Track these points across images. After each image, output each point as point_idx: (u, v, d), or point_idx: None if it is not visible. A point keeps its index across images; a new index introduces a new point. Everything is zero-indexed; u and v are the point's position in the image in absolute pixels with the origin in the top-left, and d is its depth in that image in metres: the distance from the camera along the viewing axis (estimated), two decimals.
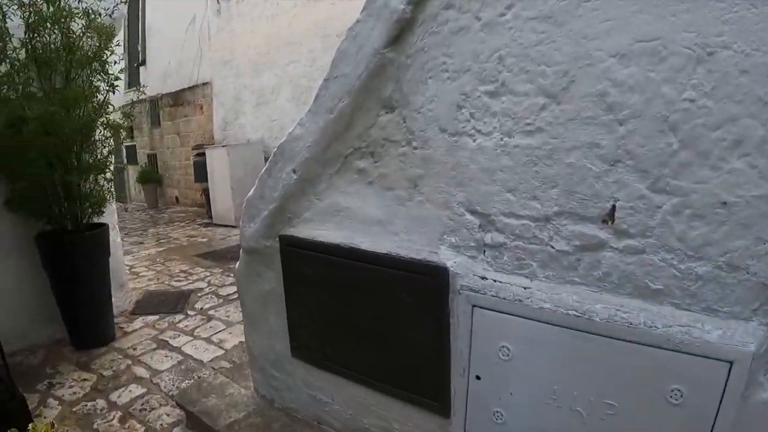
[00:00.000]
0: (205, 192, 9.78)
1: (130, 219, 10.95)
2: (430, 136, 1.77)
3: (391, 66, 1.81)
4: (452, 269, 1.74)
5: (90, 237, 3.86)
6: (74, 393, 3.29)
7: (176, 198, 12.55)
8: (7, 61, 3.49)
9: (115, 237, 4.61)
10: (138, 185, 13.14)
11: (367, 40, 1.81)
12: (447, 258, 1.78)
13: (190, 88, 11.38)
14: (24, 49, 3.52)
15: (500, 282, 1.67)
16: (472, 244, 1.76)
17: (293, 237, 2.22)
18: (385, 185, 1.94)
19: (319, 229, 2.16)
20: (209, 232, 8.64)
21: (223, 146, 8.84)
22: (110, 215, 4.43)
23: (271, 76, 9.08)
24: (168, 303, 4.86)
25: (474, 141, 1.67)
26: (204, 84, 10.84)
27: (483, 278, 1.70)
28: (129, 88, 11.05)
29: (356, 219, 2.04)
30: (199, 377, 3.36)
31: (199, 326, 4.28)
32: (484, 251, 1.74)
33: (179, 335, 4.12)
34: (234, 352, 3.75)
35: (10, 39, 3.45)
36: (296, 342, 2.39)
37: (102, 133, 3.91)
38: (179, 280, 5.65)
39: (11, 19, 3.44)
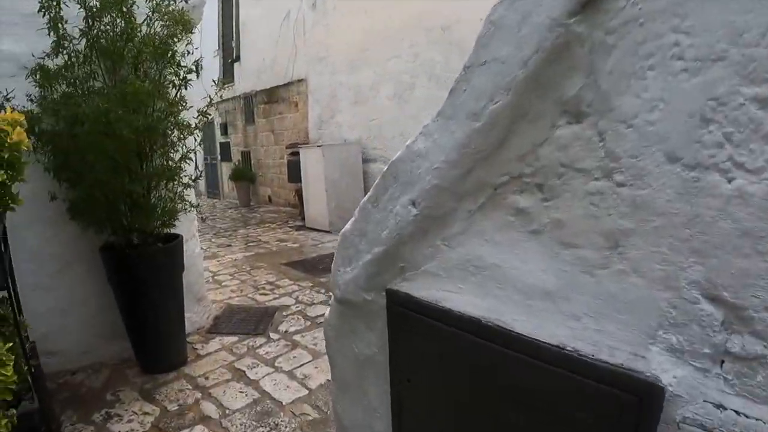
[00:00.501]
0: (299, 193, 9.36)
1: (221, 217, 10.73)
2: (647, 168, 0.97)
3: (579, 46, 1.02)
4: (669, 387, 0.96)
5: (159, 251, 3.34)
6: (132, 430, 2.81)
7: (269, 197, 12.27)
8: (64, 52, 3.01)
9: (193, 247, 4.12)
10: (231, 182, 12.96)
11: (537, 3, 1.07)
12: (661, 368, 0.97)
13: (284, 85, 11.02)
14: (84, 39, 3.03)
15: (750, 417, 0.89)
16: (707, 350, 0.95)
17: (407, 295, 1.47)
18: (561, 238, 1.14)
19: (448, 289, 1.39)
20: (301, 236, 8.17)
21: (317, 146, 8.34)
22: (188, 223, 3.92)
23: (369, 73, 8.52)
24: (249, 322, 4.32)
25: (730, 182, 0.87)
26: (299, 81, 10.44)
27: (720, 407, 0.91)
28: (223, 85, 10.83)
29: (508, 284, 1.25)
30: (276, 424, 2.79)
31: (281, 354, 3.70)
32: (724, 363, 0.94)
33: (258, 365, 3.54)
34: (319, 394, 3.13)
35: (63, 26, 2.98)
36: None
37: (175, 134, 3.38)
38: (264, 294, 5.13)
39: (67, 5, 2.95)
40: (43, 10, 2.88)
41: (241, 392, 3.20)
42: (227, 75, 13.02)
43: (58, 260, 3.41)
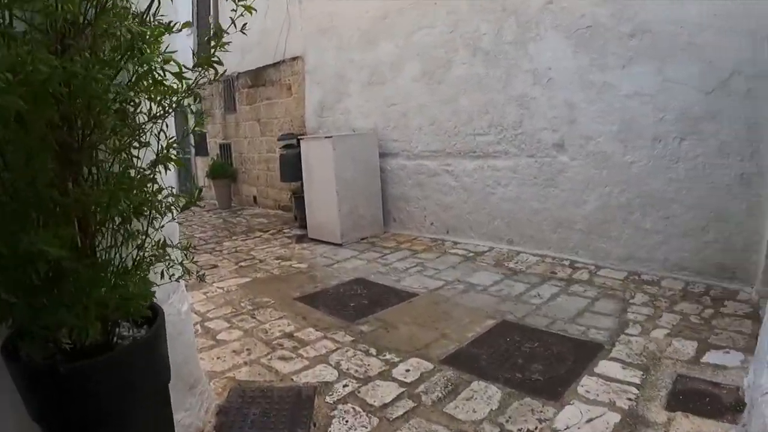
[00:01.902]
0: (296, 194, 7.60)
1: (199, 224, 8.87)
2: None
3: None
4: None
5: (119, 359, 1.62)
6: None
7: (254, 198, 10.43)
8: None
9: (179, 305, 2.43)
10: (208, 181, 11.03)
11: None
12: None
13: (274, 64, 9.21)
14: None
15: None
16: None
17: None
18: None
19: None
20: (306, 252, 6.39)
21: (326, 137, 6.58)
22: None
23: (390, 48, 6.81)
24: (276, 419, 2.63)
25: None
26: (293, 59, 8.64)
27: None
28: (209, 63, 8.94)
29: None
30: None
31: None
32: None
33: None
34: None
35: None
36: None
37: (143, 106, 1.69)
38: (286, 359, 3.40)
39: None
40: None
41: None
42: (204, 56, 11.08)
43: None
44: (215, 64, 1.76)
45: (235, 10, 1.73)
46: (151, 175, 1.70)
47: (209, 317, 4.18)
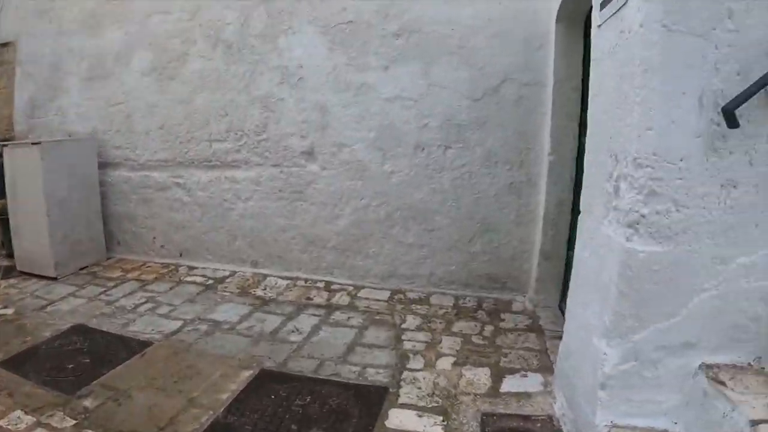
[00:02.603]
0: (0, 216, 5.88)
1: None
2: None
3: None
4: None
5: None
6: None
7: None
8: None
9: None
10: None
11: None
12: None
13: None
14: None
15: None
16: None
17: None
18: None
19: None
20: (13, 290, 4.78)
21: (33, 143, 5.04)
22: None
23: (118, 35, 5.53)
24: None
25: None
26: (4, 45, 6.92)
27: None
28: None
29: None
30: None
31: None
32: None
33: None
34: None
35: None
36: None
37: None
38: None
39: None
40: None
41: None
42: None
43: None
44: None
45: None
46: None
47: None
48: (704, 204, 1.97)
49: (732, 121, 1.80)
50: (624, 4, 2.08)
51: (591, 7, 3.52)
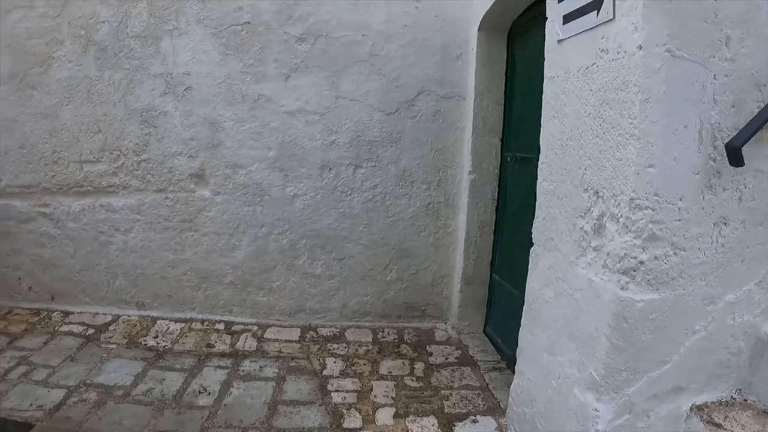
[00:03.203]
0: None
1: None
2: None
3: None
4: None
5: None
6: None
7: None
8: None
9: None
10: None
11: None
12: None
13: None
14: None
15: None
16: None
17: None
18: None
19: None
20: None
21: None
22: None
23: None
24: None
25: None
26: None
27: None
28: None
29: None
30: None
31: None
32: None
33: None
34: None
35: None
36: None
37: None
38: None
39: None
40: None
41: None
42: None
43: None
44: None
45: None
46: None
47: None
48: (699, 245, 1.90)
49: (737, 159, 1.62)
50: (609, 20, 1.87)
51: (519, 16, 3.29)
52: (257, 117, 3.98)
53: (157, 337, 4.02)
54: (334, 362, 3.61)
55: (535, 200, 2.57)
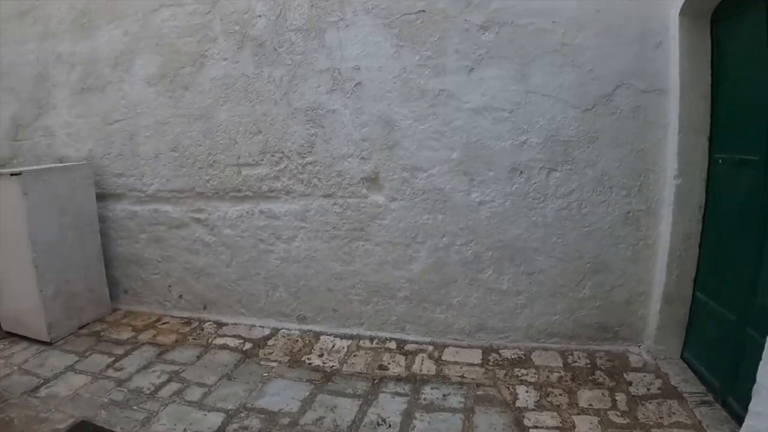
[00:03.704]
0: None
1: None
2: None
3: None
4: None
5: None
6: None
7: None
8: None
9: None
10: None
11: None
12: None
13: None
14: None
15: None
16: None
17: None
18: None
19: None
20: None
21: (14, 173, 3.99)
22: None
23: (116, 35, 4.58)
24: None
25: None
26: None
27: None
28: None
29: None
30: None
31: None
32: None
33: None
34: None
35: None
36: None
37: None
38: None
39: None
40: None
41: None
42: None
43: None
44: None
45: None
46: None
47: None
48: None
49: None
50: None
51: None
52: (438, 114, 3.66)
53: (322, 355, 3.76)
54: (526, 391, 3.20)
55: (759, 209, 2.25)
